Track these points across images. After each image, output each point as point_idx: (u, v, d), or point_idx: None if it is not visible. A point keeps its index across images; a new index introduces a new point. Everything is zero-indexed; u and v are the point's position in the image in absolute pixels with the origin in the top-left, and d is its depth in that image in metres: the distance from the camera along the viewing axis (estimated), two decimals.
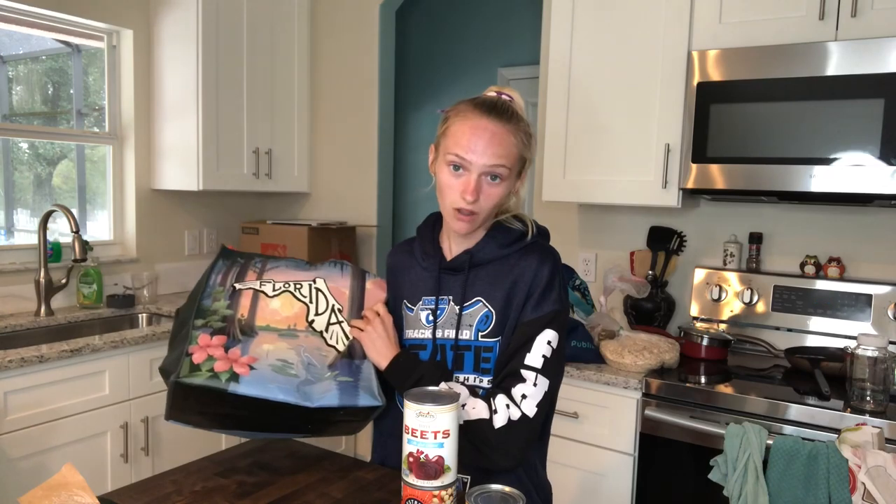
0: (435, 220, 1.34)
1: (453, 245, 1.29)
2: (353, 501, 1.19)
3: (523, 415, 1.14)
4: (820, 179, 1.92)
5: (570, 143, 2.35)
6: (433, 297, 1.26)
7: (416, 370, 1.22)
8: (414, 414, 0.98)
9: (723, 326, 2.38)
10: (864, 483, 1.60)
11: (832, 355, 2.07)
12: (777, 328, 2.29)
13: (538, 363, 1.17)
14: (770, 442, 1.73)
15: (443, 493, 0.99)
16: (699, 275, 2.43)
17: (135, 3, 2.91)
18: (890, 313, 2.11)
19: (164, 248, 3.12)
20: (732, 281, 2.36)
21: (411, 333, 1.29)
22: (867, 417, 1.71)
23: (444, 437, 0.98)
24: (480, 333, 1.22)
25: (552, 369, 1.18)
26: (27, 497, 0.96)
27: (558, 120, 2.36)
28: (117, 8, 2.85)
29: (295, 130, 3.34)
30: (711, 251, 2.47)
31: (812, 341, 2.23)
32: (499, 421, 1.14)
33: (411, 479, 0.99)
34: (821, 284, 2.22)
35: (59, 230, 2.77)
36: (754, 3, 2.02)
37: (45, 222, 2.56)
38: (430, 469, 0.98)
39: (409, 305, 1.30)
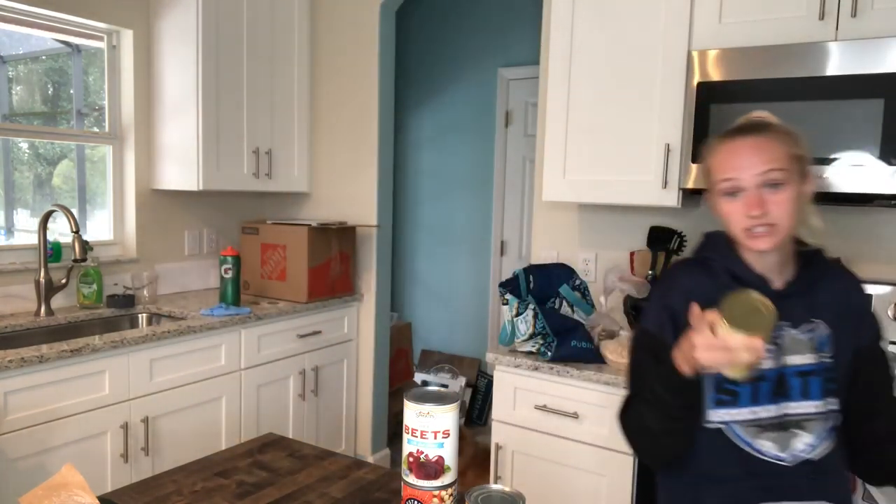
0: (727, 242, 1.27)
1: (766, 271, 1.24)
2: (353, 501, 1.19)
3: None
4: (819, 179, 1.92)
5: (570, 143, 2.35)
6: None
7: None
8: (414, 414, 0.98)
9: None
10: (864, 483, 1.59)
11: None
12: None
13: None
14: None
15: (443, 493, 0.99)
16: None
17: (135, 3, 2.91)
18: (890, 313, 2.10)
19: (164, 248, 3.12)
20: None
21: None
22: None
23: (444, 437, 0.98)
24: (821, 355, 1.21)
25: None
26: (27, 497, 0.96)
27: (558, 120, 2.36)
28: (117, 8, 2.85)
29: (295, 130, 3.34)
30: None
31: None
32: None
33: (411, 479, 0.99)
34: None
35: (59, 230, 2.77)
36: (754, 2, 2.02)
37: (45, 222, 2.56)
38: (430, 469, 0.98)
39: None
